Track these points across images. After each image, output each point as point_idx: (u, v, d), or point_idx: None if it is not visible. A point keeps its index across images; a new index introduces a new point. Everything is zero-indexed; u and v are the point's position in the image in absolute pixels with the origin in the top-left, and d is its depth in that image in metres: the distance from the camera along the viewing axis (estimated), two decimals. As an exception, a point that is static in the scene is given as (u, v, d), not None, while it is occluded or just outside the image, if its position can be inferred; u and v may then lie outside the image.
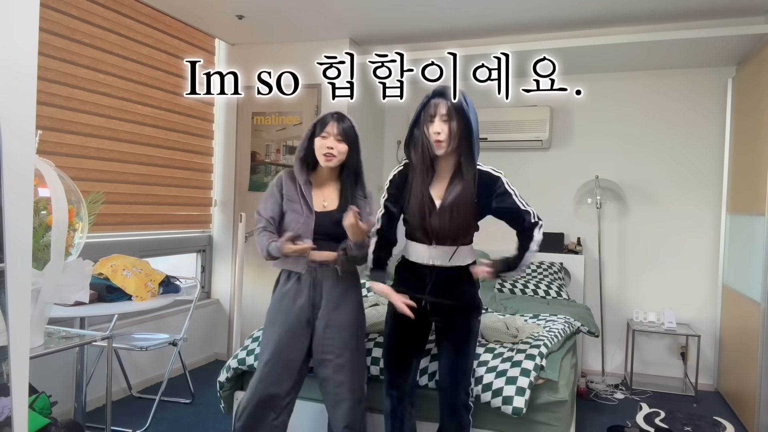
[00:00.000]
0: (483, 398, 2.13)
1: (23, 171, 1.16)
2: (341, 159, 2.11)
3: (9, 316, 1.11)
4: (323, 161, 2.10)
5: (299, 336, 2.10)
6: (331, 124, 2.09)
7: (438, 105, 1.95)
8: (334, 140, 2.08)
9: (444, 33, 3.89)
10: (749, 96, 3.50)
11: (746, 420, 3.23)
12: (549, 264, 4.10)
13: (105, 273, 2.64)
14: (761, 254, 3.10)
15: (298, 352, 2.10)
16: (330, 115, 2.12)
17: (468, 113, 1.95)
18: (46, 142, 2.90)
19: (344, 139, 2.09)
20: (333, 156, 2.08)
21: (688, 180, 4.06)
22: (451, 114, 1.93)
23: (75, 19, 3.07)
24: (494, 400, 2.11)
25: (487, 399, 2.13)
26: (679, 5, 3.30)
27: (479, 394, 2.14)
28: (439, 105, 1.94)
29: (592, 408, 3.48)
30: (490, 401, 2.12)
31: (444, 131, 1.93)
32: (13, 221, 1.11)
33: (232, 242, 4.33)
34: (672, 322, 3.84)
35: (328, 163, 2.10)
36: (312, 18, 3.68)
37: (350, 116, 2.17)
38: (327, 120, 2.11)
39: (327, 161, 2.09)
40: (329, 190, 2.18)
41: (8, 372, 1.12)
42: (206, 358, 4.26)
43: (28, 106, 1.18)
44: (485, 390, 2.14)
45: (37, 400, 2.02)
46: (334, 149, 2.07)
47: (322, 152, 2.09)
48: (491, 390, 2.14)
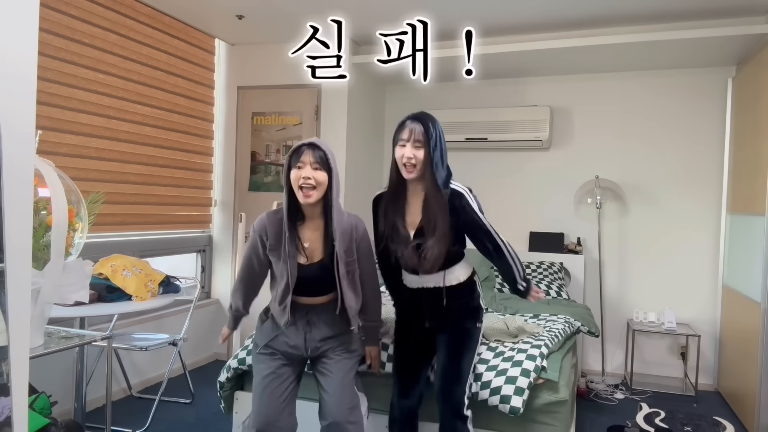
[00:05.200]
0: (481, 395, 2.13)
1: (23, 171, 1.16)
2: (322, 192, 1.91)
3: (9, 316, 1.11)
4: (302, 197, 1.89)
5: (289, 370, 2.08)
6: (306, 153, 1.90)
7: (413, 130, 1.93)
8: (311, 169, 1.88)
9: (444, 33, 3.89)
10: (749, 96, 3.50)
11: (746, 420, 3.23)
12: (549, 264, 4.10)
13: (105, 273, 2.64)
14: (761, 254, 3.10)
15: (290, 380, 2.08)
16: (305, 144, 1.92)
17: (439, 139, 1.95)
18: (46, 142, 2.90)
19: (322, 168, 1.90)
20: (312, 187, 1.88)
21: (688, 180, 4.06)
22: (424, 140, 1.92)
23: (75, 19, 3.07)
24: (492, 398, 2.11)
25: (485, 397, 2.13)
26: (679, 5, 3.30)
27: (478, 391, 2.14)
28: (414, 130, 1.93)
29: (592, 408, 3.48)
30: (488, 399, 2.12)
31: (416, 156, 1.93)
32: (13, 221, 1.11)
33: (232, 242, 4.33)
34: (672, 322, 3.84)
35: (307, 200, 1.89)
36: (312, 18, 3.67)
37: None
38: (301, 150, 1.91)
39: (306, 197, 1.89)
40: (315, 238, 1.99)
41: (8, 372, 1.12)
42: (206, 358, 4.26)
43: (28, 106, 1.18)
44: (484, 388, 2.14)
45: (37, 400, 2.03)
46: (311, 178, 1.87)
47: (299, 184, 1.88)
48: (490, 388, 2.14)
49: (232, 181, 4.35)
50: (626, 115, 4.21)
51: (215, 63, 4.33)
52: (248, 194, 4.30)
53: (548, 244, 4.28)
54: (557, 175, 4.36)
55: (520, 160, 4.45)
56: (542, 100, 4.36)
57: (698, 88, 4.03)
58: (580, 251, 4.22)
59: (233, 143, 4.35)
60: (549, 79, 4.37)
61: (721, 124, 3.93)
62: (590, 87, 4.30)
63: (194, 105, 4.09)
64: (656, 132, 4.14)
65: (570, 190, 4.27)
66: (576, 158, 4.32)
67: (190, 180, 4.09)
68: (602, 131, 4.27)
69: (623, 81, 4.21)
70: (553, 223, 4.36)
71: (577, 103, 4.32)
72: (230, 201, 4.36)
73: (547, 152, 4.41)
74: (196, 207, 4.20)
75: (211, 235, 4.40)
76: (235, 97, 4.34)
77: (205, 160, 4.29)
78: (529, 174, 4.44)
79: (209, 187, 4.36)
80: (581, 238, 4.29)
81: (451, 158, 2.07)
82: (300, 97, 4.16)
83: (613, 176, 4.17)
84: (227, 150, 4.37)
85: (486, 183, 4.49)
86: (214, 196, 4.40)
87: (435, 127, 1.95)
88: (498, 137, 4.26)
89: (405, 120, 1.98)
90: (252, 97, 4.30)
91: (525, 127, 4.22)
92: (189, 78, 4.01)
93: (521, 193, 4.45)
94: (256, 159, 4.29)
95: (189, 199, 4.10)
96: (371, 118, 4.54)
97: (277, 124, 4.24)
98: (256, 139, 4.29)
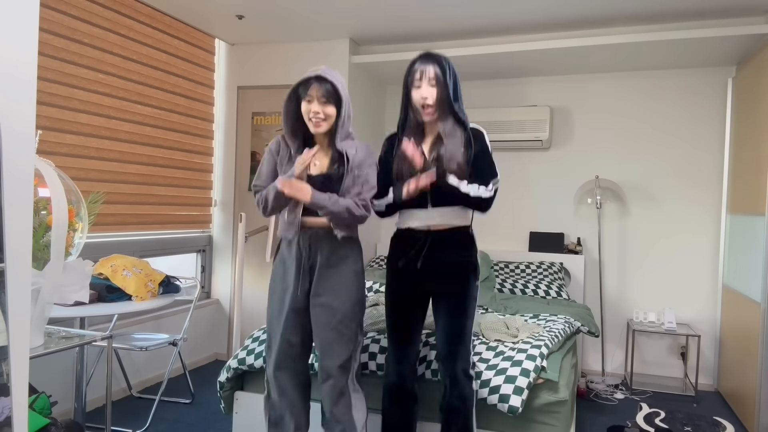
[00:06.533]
0: (480, 394, 2.14)
1: (23, 171, 1.16)
2: (331, 122, 2.01)
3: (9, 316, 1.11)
4: (312, 127, 2.01)
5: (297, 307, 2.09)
6: (313, 86, 1.96)
7: (424, 69, 1.94)
8: (319, 104, 1.97)
9: (444, 33, 3.90)
10: (749, 96, 3.50)
11: (746, 420, 3.23)
12: (549, 264, 4.10)
13: (105, 273, 2.64)
14: (761, 254, 3.10)
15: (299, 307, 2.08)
16: (312, 77, 1.97)
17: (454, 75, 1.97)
18: (46, 142, 2.90)
19: (330, 101, 1.98)
20: (321, 120, 1.98)
21: (688, 180, 4.06)
22: (439, 78, 1.93)
23: (75, 19, 3.08)
24: (491, 397, 2.12)
25: (484, 396, 2.13)
26: (679, 5, 3.30)
27: (477, 389, 2.14)
28: (425, 69, 1.94)
29: (592, 408, 3.48)
30: (487, 398, 2.13)
31: (432, 95, 1.93)
32: (13, 221, 1.11)
33: (232, 242, 4.34)
34: (672, 322, 3.84)
35: (317, 129, 2.00)
36: (312, 18, 3.68)
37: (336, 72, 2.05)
38: (309, 82, 1.97)
39: (316, 127, 2.00)
40: (320, 154, 2.09)
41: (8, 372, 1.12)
42: (206, 358, 4.26)
43: (28, 106, 1.18)
44: (483, 386, 2.15)
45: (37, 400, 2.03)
46: (320, 112, 1.97)
47: (309, 117, 1.99)
48: (489, 387, 2.14)
49: (232, 181, 4.35)
50: (626, 115, 4.21)
51: (215, 63, 4.33)
52: (248, 194, 4.30)
53: (548, 244, 4.28)
54: (557, 175, 4.36)
55: (520, 160, 4.46)
56: (542, 100, 4.36)
57: (698, 88, 4.03)
58: (580, 251, 4.22)
59: (233, 143, 4.35)
60: (549, 79, 4.38)
61: (721, 124, 3.93)
62: (590, 87, 4.30)
63: (194, 105, 4.09)
64: (656, 132, 4.14)
65: (570, 190, 4.27)
66: (576, 158, 4.32)
67: (190, 180, 4.09)
68: (602, 131, 4.27)
69: (623, 81, 4.21)
70: (553, 223, 4.36)
71: (577, 103, 4.32)
72: (230, 201, 4.36)
73: (547, 152, 4.41)
74: (196, 207, 4.20)
75: (211, 235, 4.40)
76: (235, 97, 4.34)
77: (205, 160, 4.29)
78: (529, 174, 4.44)
79: (209, 187, 4.36)
80: (581, 238, 4.29)
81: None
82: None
83: (613, 176, 4.17)
84: (227, 150, 4.37)
85: (486, 183, 4.49)
86: (214, 196, 4.40)
87: (448, 63, 1.96)
88: (498, 137, 4.26)
89: (416, 60, 1.97)
90: (252, 97, 4.30)
91: (525, 127, 4.22)
92: (189, 78, 4.01)
93: (521, 193, 4.45)
94: (256, 159, 4.29)
95: (189, 199, 4.10)
96: (371, 118, 4.54)
97: (277, 124, 4.23)
98: (256, 139, 4.29)
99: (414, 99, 1.98)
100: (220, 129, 4.38)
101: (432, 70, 1.94)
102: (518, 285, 3.91)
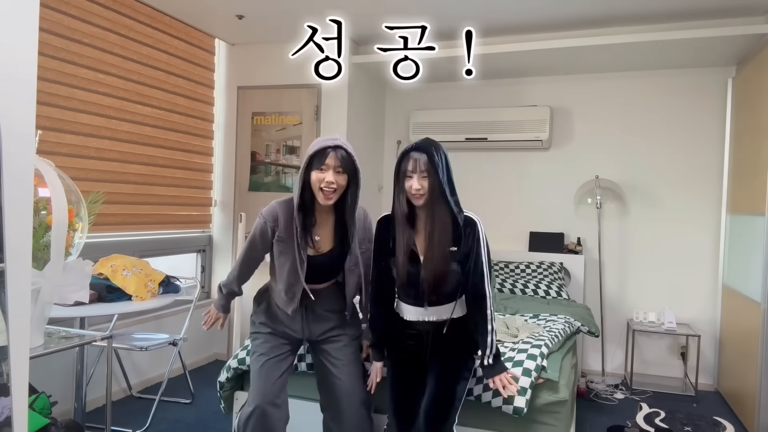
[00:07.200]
0: (484, 398, 2.13)
1: (23, 171, 1.16)
2: (341, 192, 1.92)
3: (9, 316, 1.11)
4: (322, 198, 1.90)
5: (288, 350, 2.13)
6: (330, 155, 1.88)
7: (417, 160, 1.89)
8: (334, 173, 1.88)
9: (444, 33, 3.89)
10: (749, 96, 3.50)
11: (746, 420, 3.23)
12: (549, 264, 4.10)
13: (105, 273, 2.64)
14: (761, 254, 3.10)
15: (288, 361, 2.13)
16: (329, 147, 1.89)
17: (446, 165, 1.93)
18: (46, 142, 2.90)
19: (344, 170, 1.90)
20: (333, 191, 1.89)
21: (688, 180, 4.06)
22: (430, 170, 1.88)
23: (75, 19, 3.07)
24: (495, 400, 2.11)
25: (488, 399, 2.13)
26: (679, 5, 3.30)
27: (480, 393, 2.14)
28: (418, 160, 1.89)
29: (592, 408, 3.48)
30: (491, 401, 2.12)
31: (423, 186, 1.89)
32: (13, 221, 1.11)
33: (232, 242, 4.33)
34: (672, 322, 3.84)
35: (328, 202, 1.90)
36: (312, 18, 3.68)
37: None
38: (326, 151, 1.88)
39: (327, 199, 1.89)
40: (325, 229, 2.02)
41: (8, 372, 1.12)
42: (206, 358, 4.26)
43: (28, 106, 1.18)
44: (486, 389, 2.14)
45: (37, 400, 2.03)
46: (334, 182, 1.87)
47: (320, 186, 1.88)
48: (492, 389, 2.13)
49: (232, 181, 4.35)
50: (626, 115, 4.21)
51: (215, 63, 4.33)
52: (248, 194, 4.30)
53: (548, 244, 4.28)
54: (557, 175, 4.36)
55: (520, 160, 4.45)
56: (542, 100, 4.36)
57: (698, 88, 4.03)
58: (580, 251, 4.22)
59: (233, 143, 4.35)
60: (549, 79, 4.37)
61: (722, 124, 3.93)
62: (590, 87, 4.30)
63: (194, 105, 4.09)
64: (656, 132, 4.14)
65: (570, 190, 4.27)
66: (576, 158, 4.32)
67: (190, 180, 4.09)
68: (602, 131, 4.27)
69: (623, 81, 4.21)
70: (553, 223, 4.35)
71: (577, 103, 4.32)
72: (230, 201, 4.36)
73: (547, 152, 4.41)
74: (196, 207, 4.20)
75: (211, 235, 4.40)
76: (235, 97, 4.34)
77: (205, 160, 4.28)
78: (529, 174, 4.44)
79: (209, 187, 4.36)
80: (581, 238, 4.29)
81: (451, 158, 2.07)
82: (300, 97, 4.16)
83: (613, 176, 4.17)
84: (227, 150, 4.37)
85: (486, 183, 4.49)
86: (214, 196, 4.40)
87: (439, 154, 1.91)
88: (498, 137, 4.26)
89: (408, 151, 1.93)
90: (252, 97, 4.30)
91: (525, 127, 4.22)
92: (189, 78, 4.01)
93: (521, 193, 4.45)
94: (256, 159, 4.29)
95: (189, 199, 4.10)
96: (371, 118, 4.54)
97: (277, 124, 4.23)
98: (256, 139, 4.29)
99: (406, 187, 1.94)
100: (220, 129, 4.38)
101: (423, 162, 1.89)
102: (518, 285, 3.91)
